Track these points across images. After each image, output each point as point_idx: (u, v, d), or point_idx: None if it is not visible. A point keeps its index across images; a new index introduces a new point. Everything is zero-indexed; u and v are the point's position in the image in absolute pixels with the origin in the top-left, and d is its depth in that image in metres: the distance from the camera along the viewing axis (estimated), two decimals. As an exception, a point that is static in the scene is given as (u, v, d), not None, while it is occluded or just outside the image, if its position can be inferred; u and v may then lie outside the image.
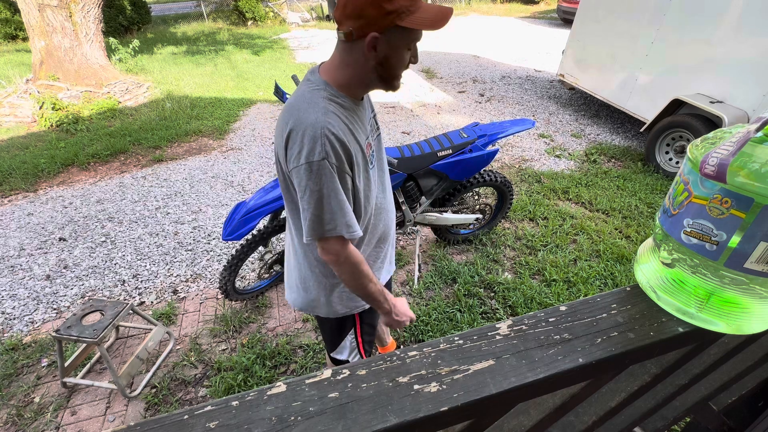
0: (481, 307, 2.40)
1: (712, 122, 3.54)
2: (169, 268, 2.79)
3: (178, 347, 2.21)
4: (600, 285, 2.58)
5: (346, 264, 1.01)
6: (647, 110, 4.23)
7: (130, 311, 1.97)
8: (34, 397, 1.95)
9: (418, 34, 0.90)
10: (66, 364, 1.91)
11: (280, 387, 0.39)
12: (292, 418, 0.36)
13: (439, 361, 0.42)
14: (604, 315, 0.49)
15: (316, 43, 9.78)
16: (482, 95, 6.16)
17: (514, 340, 0.45)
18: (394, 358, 0.42)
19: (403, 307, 1.19)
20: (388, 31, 0.86)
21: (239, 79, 6.95)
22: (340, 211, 0.94)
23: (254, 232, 2.18)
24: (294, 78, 2.28)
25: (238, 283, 2.61)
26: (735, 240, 0.41)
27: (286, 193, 1.04)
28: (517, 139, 4.69)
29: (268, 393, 0.38)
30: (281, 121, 0.95)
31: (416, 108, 5.67)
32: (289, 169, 0.93)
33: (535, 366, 0.42)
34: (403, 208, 2.38)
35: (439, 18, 0.85)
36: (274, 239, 2.95)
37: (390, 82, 0.97)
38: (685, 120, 3.72)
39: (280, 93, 2.12)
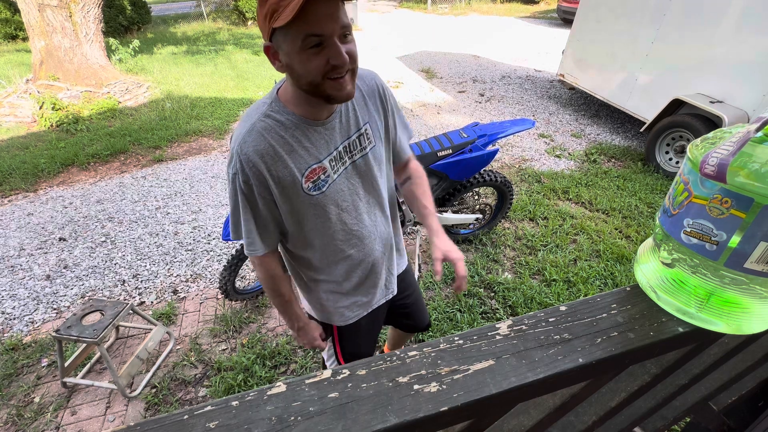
0: (481, 307, 2.40)
1: (712, 122, 3.53)
2: (169, 268, 2.79)
3: (178, 347, 2.21)
4: (600, 285, 2.58)
5: (259, 271, 1.05)
6: (647, 110, 4.23)
7: (130, 311, 1.97)
8: (34, 397, 1.95)
9: (303, 27, 0.73)
10: (66, 364, 1.91)
11: (280, 387, 0.39)
12: (292, 418, 0.36)
13: (439, 361, 0.42)
14: (604, 315, 0.49)
15: (316, 43, 9.77)
16: (482, 95, 6.16)
17: (514, 340, 0.45)
18: (394, 358, 0.42)
19: (310, 333, 1.18)
20: (274, 37, 0.78)
21: (239, 79, 6.95)
22: (241, 226, 0.96)
23: (254, 232, 2.17)
24: (294, 78, 2.28)
25: (238, 283, 2.61)
26: (735, 240, 0.41)
27: None
28: (517, 139, 4.69)
29: (268, 393, 0.38)
30: None
31: (416, 108, 5.67)
32: None
33: (535, 366, 0.42)
34: (403, 207, 2.38)
35: (293, 6, 0.70)
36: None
37: (316, 93, 0.82)
38: (685, 120, 3.72)
39: (280, 93, 2.12)
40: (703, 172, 0.42)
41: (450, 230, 2.87)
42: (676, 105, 3.85)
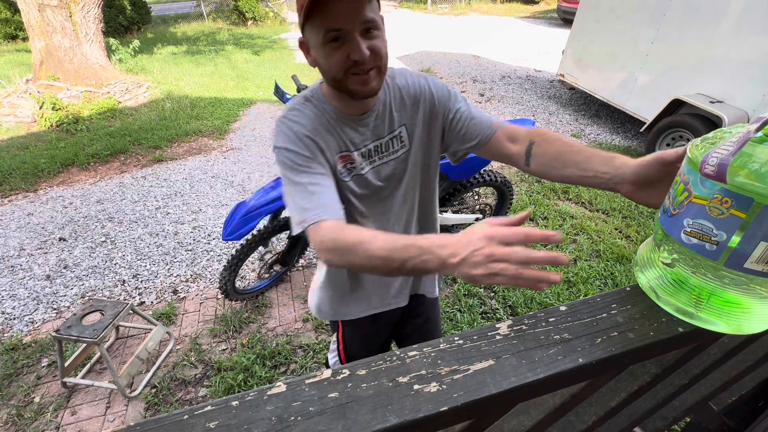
0: (481, 307, 2.40)
1: (712, 122, 3.53)
2: (169, 268, 2.79)
3: (178, 347, 2.21)
4: (600, 285, 2.58)
5: (331, 239, 0.77)
6: (647, 110, 4.23)
7: (130, 311, 1.97)
8: (34, 397, 1.95)
9: (322, 21, 0.73)
10: (66, 364, 1.91)
11: (280, 387, 0.39)
12: (292, 418, 0.36)
13: (439, 361, 0.42)
14: (604, 315, 0.49)
15: (316, 43, 9.77)
16: (482, 95, 6.16)
17: (514, 340, 0.45)
18: (394, 358, 0.42)
19: (475, 241, 0.56)
20: (305, 31, 0.79)
21: (239, 79, 6.95)
22: (304, 198, 0.83)
23: (254, 232, 2.18)
24: (294, 78, 2.28)
25: (238, 283, 2.61)
26: (735, 240, 0.41)
27: None
28: (517, 139, 4.68)
29: (268, 393, 0.38)
30: None
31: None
32: None
33: (535, 366, 0.42)
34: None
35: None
36: (274, 239, 2.95)
37: (340, 88, 0.82)
38: (685, 120, 3.72)
39: (280, 93, 2.12)
40: (703, 172, 0.42)
41: (450, 230, 2.87)
42: (676, 105, 3.85)
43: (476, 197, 2.84)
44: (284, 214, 2.57)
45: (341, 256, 0.71)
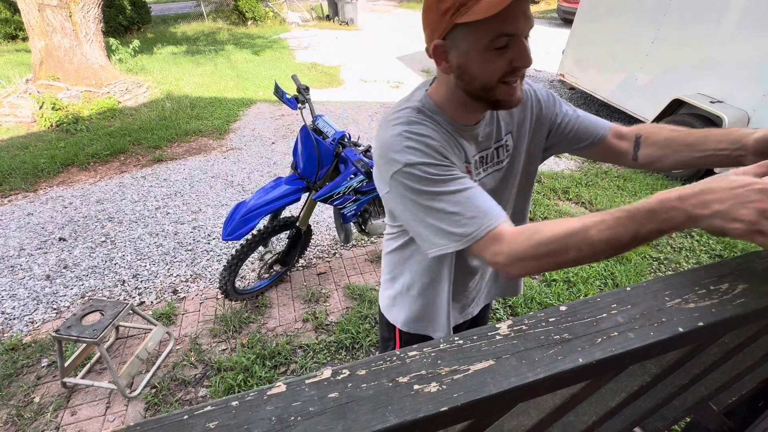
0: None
1: (712, 122, 3.54)
2: (169, 268, 2.79)
3: (178, 347, 2.21)
4: (600, 285, 2.58)
5: (519, 247, 0.68)
6: (647, 110, 4.23)
7: (130, 311, 1.97)
8: (34, 397, 1.95)
9: (498, 25, 0.66)
10: (66, 364, 1.91)
11: (280, 387, 0.39)
12: (292, 418, 0.36)
13: (439, 361, 0.42)
14: (604, 315, 0.49)
15: (316, 43, 9.78)
16: (482, 95, 6.16)
17: (514, 340, 0.45)
18: (394, 358, 0.42)
19: (745, 193, 0.50)
20: (452, 34, 0.70)
21: (239, 79, 6.95)
22: (460, 211, 0.74)
23: (254, 232, 2.18)
24: (294, 78, 2.28)
25: (238, 283, 2.61)
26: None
27: None
28: (517, 139, 4.69)
29: (268, 393, 0.38)
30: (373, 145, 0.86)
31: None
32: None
33: (535, 366, 0.42)
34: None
35: (496, 2, 0.62)
36: (273, 239, 2.95)
37: (485, 98, 0.74)
38: (685, 120, 3.72)
39: (280, 93, 2.12)
40: None
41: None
42: (677, 105, 3.85)
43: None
44: (284, 214, 2.57)
45: (543, 259, 0.64)
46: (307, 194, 2.20)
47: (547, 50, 8.73)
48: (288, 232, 2.40)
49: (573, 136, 0.95)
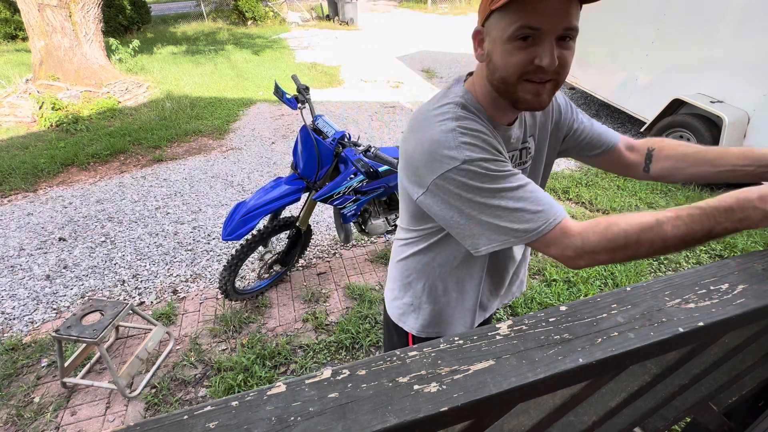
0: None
1: (712, 122, 3.54)
2: (168, 268, 2.78)
3: (178, 347, 2.21)
4: (600, 285, 2.58)
5: (590, 241, 0.68)
6: (647, 110, 4.23)
7: (130, 311, 1.97)
8: (33, 397, 1.95)
9: (523, 15, 0.63)
10: (66, 364, 1.91)
11: (280, 387, 0.39)
12: (292, 418, 0.36)
13: (439, 361, 0.42)
14: (604, 315, 0.49)
15: (316, 43, 9.78)
16: (482, 95, 6.16)
17: (514, 340, 0.45)
18: (394, 358, 0.42)
19: None
20: (488, 21, 0.68)
21: (239, 78, 6.95)
22: (520, 207, 0.72)
23: (254, 232, 2.18)
24: (294, 78, 2.28)
25: (238, 283, 2.61)
26: None
27: None
28: (517, 139, 4.68)
29: (268, 393, 0.38)
30: (403, 140, 0.82)
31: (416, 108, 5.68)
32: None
33: (535, 366, 0.42)
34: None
35: None
36: (273, 239, 2.95)
37: (505, 93, 0.72)
38: (685, 120, 3.72)
39: (280, 93, 2.12)
40: None
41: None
42: (677, 105, 3.85)
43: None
44: (284, 213, 2.57)
45: (617, 252, 0.65)
46: (307, 194, 2.20)
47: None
48: (288, 232, 2.40)
49: (586, 144, 0.97)
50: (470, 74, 0.82)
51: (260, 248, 2.52)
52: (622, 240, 0.64)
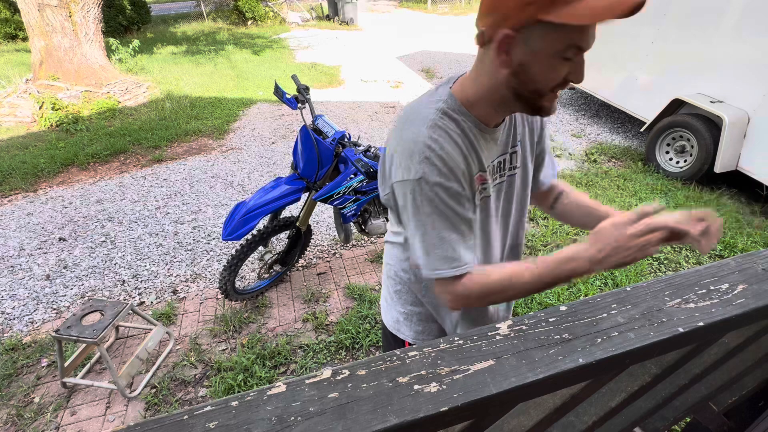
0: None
1: (712, 122, 3.54)
2: (168, 268, 2.78)
3: (178, 347, 2.21)
4: (600, 285, 2.58)
5: (467, 297, 0.79)
6: (647, 110, 4.23)
7: (130, 311, 1.97)
8: (33, 397, 1.95)
9: (579, 36, 0.64)
10: (66, 364, 1.91)
11: (280, 387, 0.39)
12: (292, 418, 0.36)
13: (439, 361, 0.42)
14: (604, 315, 0.49)
15: (316, 43, 9.77)
16: (482, 95, 6.16)
17: (514, 340, 0.45)
18: (394, 358, 0.42)
19: (614, 237, 0.66)
20: (528, 28, 0.64)
21: (239, 78, 6.95)
22: (438, 243, 0.77)
23: (254, 232, 2.18)
24: (294, 78, 2.28)
25: (237, 283, 2.61)
26: None
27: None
28: (517, 139, 4.68)
29: (268, 393, 0.38)
30: (389, 138, 0.83)
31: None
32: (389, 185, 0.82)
33: (535, 366, 0.42)
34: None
35: (617, 4, 0.59)
36: (273, 239, 2.95)
37: (531, 101, 0.73)
38: (685, 120, 3.72)
39: (280, 93, 2.12)
40: None
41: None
42: (677, 105, 3.85)
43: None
44: (283, 214, 2.57)
45: (484, 299, 0.79)
46: (307, 194, 2.20)
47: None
48: (288, 232, 2.40)
49: (538, 165, 1.02)
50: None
51: (260, 248, 2.52)
52: (491, 291, 0.77)
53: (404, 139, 0.76)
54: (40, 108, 5.07)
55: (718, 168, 3.48)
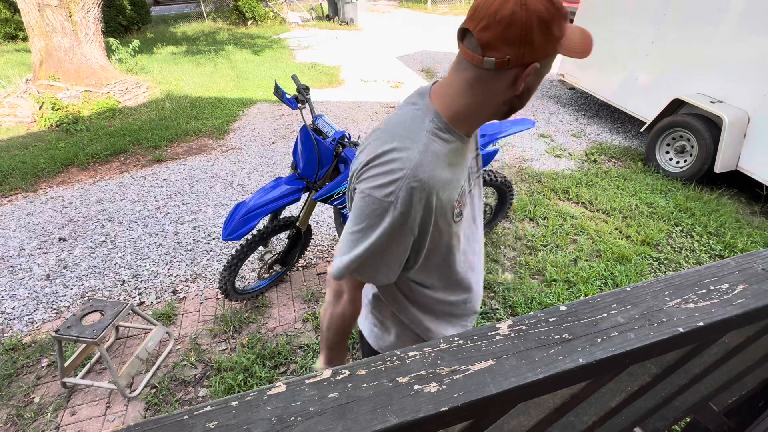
0: (481, 307, 2.40)
1: (712, 122, 3.54)
2: (168, 268, 2.78)
3: (178, 347, 2.21)
4: (600, 285, 2.58)
5: (353, 304, 0.93)
6: (647, 110, 4.23)
7: (130, 311, 1.97)
8: (33, 397, 1.95)
9: (550, 65, 0.77)
10: (66, 364, 1.91)
11: (280, 387, 0.39)
12: (292, 418, 0.36)
13: (439, 361, 0.42)
14: (604, 315, 0.49)
15: (316, 43, 9.77)
16: (482, 95, 6.15)
17: (514, 340, 0.45)
18: (394, 358, 0.42)
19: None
20: (546, 60, 0.73)
21: (239, 79, 6.95)
22: (377, 258, 0.82)
23: (254, 232, 2.18)
24: (294, 78, 2.28)
25: (238, 283, 2.61)
26: None
27: None
28: (517, 139, 4.69)
29: (268, 393, 0.38)
30: (369, 143, 0.82)
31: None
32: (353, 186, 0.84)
33: (535, 366, 0.42)
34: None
35: (585, 46, 0.72)
36: (273, 239, 2.95)
37: (514, 111, 0.82)
38: (685, 120, 3.72)
39: (280, 93, 2.12)
40: None
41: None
42: (677, 105, 3.85)
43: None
44: (283, 214, 2.57)
45: (345, 328, 0.98)
46: (307, 194, 2.20)
47: (547, 50, 8.72)
48: (288, 232, 2.40)
49: None
50: (434, 83, 0.85)
51: (260, 248, 2.52)
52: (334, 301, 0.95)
53: (390, 157, 0.76)
54: (40, 108, 5.07)
55: (718, 168, 3.48)
